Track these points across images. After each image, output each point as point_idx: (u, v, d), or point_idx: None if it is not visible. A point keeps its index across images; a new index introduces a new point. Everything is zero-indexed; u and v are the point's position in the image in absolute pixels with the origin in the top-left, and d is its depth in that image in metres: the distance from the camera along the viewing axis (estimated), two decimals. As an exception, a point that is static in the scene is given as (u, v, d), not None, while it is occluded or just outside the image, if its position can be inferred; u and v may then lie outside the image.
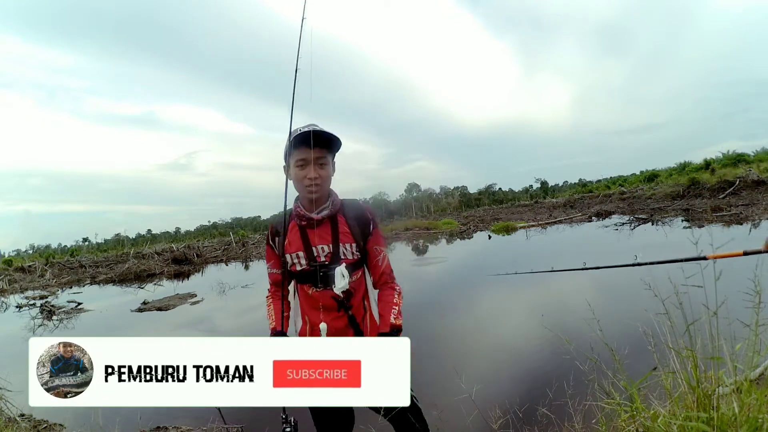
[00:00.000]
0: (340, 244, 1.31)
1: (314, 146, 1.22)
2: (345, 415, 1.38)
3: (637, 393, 1.25)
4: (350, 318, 1.31)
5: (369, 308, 1.39)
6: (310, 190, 1.26)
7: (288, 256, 1.32)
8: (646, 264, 1.80)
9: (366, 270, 1.40)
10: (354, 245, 1.32)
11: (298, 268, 1.32)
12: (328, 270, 1.28)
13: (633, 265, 1.84)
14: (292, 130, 1.25)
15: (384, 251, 1.40)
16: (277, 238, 1.36)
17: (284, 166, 1.31)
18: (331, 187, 1.34)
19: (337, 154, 1.36)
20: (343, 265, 1.27)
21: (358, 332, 1.33)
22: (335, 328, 1.30)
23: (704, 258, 1.47)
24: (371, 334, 1.35)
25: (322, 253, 1.30)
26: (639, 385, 1.27)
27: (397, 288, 1.34)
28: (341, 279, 1.25)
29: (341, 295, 1.28)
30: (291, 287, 1.43)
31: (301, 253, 1.31)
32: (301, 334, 1.38)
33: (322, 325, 1.29)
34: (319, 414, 1.34)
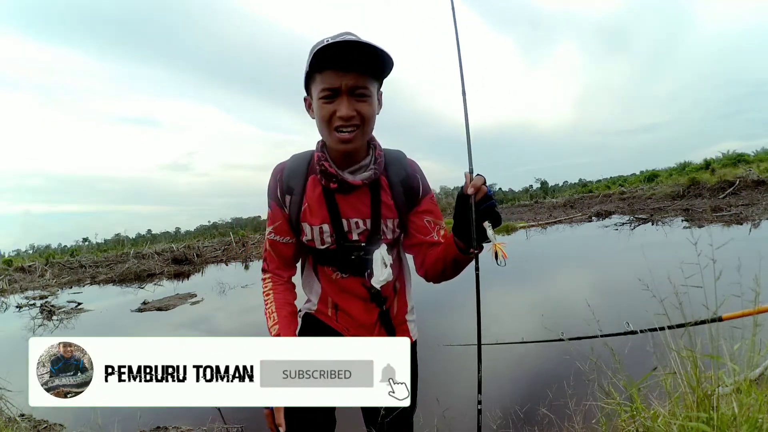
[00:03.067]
0: (381, 221, 0.97)
1: (350, 69, 0.82)
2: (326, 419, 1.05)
3: (637, 393, 1.25)
4: (382, 314, 1.02)
5: (398, 294, 1.07)
6: (342, 137, 0.86)
7: (307, 228, 0.96)
8: (637, 332, 1.67)
9: (401, 247, 1.08)
10: (396, 221, 0.99)
11: (319, 245, 0.97)
12: (363, 253, 0.96)
13: (626, 333, 1.72)
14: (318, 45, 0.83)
15: (441, 224, 1.02)
16: (288, 197, 0.96)
17: (305, 98, 0.93)
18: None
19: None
20: (384, 247, 0.95)
21: (391, 330, 1.03)
22: (362, 324, 1.02)
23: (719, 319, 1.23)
24: (398, 327, 1.07)
25: (355, 230, 0.96)
26: (639, 385, 1.27)
27: None
28: (382, 268, 0.93)
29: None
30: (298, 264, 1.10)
31: (326, 227, 0.95)
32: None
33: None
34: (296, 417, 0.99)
